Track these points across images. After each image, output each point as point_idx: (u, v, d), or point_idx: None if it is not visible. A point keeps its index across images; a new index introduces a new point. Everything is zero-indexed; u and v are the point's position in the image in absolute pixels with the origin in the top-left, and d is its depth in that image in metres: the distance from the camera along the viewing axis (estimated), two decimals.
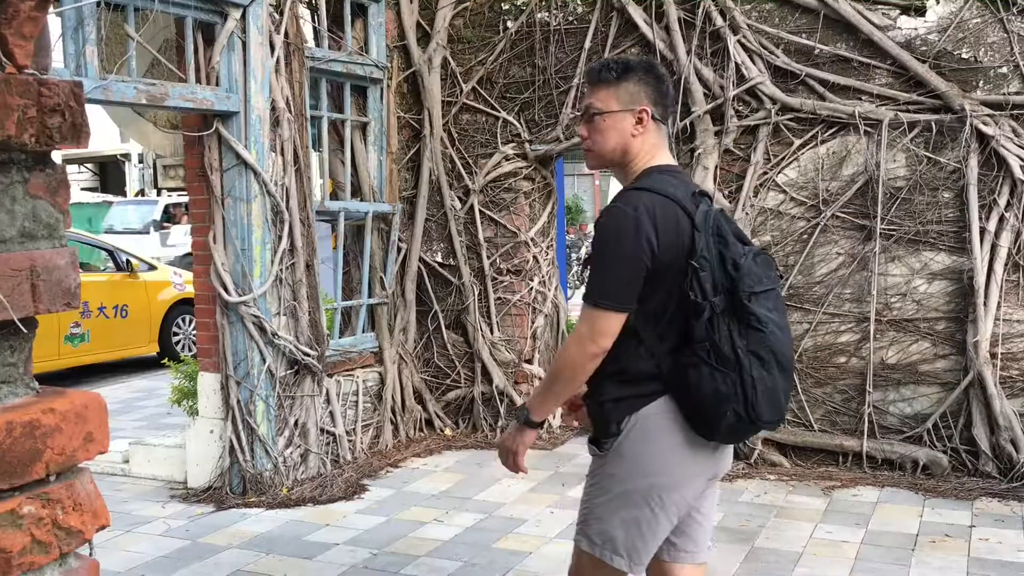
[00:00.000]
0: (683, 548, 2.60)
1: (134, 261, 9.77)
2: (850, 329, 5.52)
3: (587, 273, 2.40)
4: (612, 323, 2.31)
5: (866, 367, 5.44)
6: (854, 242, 5.49)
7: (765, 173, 5.62)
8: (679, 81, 5.70)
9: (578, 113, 6.09)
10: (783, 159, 5.58)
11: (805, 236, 5.59)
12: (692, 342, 2.29)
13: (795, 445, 5.59)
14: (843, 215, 5.49)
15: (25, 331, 1.11)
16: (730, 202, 5.67)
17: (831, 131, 5.48)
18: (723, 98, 5.60)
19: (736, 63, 5.55)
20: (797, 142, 5.52)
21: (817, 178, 5.54)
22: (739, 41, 5.56)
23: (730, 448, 2.59)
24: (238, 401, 5.26)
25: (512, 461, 2.57)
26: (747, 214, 5.60)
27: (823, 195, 5.52)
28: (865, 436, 5.42)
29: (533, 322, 6.48)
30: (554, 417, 6.55)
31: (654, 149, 2.46)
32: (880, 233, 5.37)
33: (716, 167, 5.69)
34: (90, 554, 1.24)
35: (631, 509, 2.42)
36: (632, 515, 2.42)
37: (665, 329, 2.35)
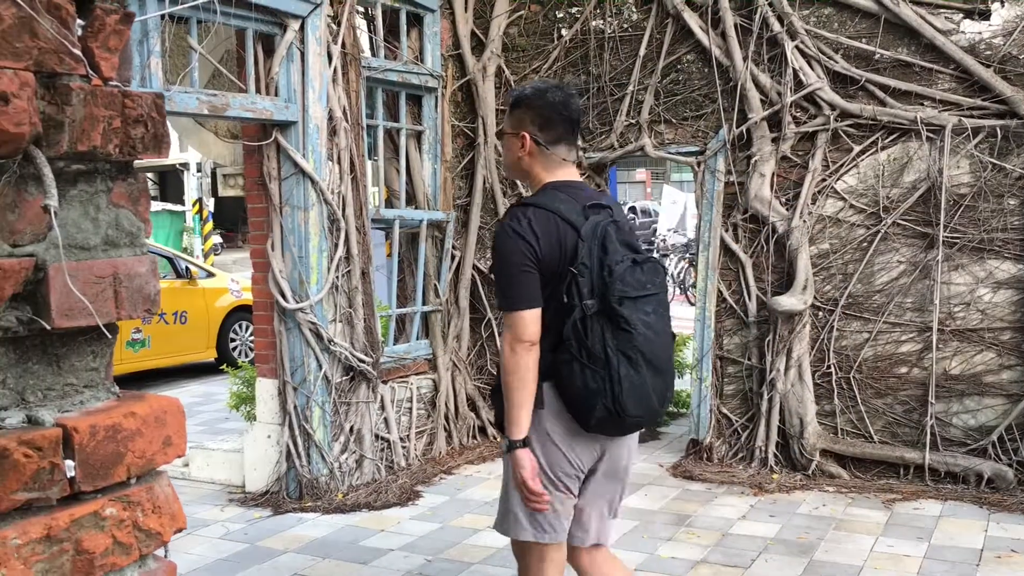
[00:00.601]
0: (576, 533, 2.85)
1: (193, 268, 9.95)
2: (911, 339, 5.42)
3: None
4: (528, 320, 2.58)
5: (928, 378, 5.33)
6: (916, 250, 5.38)
7: (824, 180, 5.55)
8: (735, 88, 5.65)
9: (632, 121, 6.08)
10: (842, 166, 5.50)
11: (865, 244, 5.50)
12: (564, 340, 2.56)
13: (854, 456, 5.49)
14: (904, 223, 5.39)
15: (109, 336, 1.14)
16: (787, 209, 5.61)
17: (892, 137, 5.39)
18: (780, 104, 5.54)
19: (794, 69, 5.49)
20: (857, 148, 5.44)
21: (877, 185, 5.45)
22: (797, 47, 5.50)
23: (626, 442, 2.79)
24: (295, 407, 5.32)
25: (528, 491, 2.66)
26: (805, 221, 5.53)
27: (883, 202, 5.42)
28: (927, 448, 5.30)
29: None
30: None
31: (551, 167, 2.73)
32: (943, 241, 5.26)
33: (773, 174, 5.63)
34: (165, 555, 1.26)
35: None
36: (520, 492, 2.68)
37: (546, 329, 2.59)
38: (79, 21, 1.06)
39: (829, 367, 5.57)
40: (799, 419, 5.54)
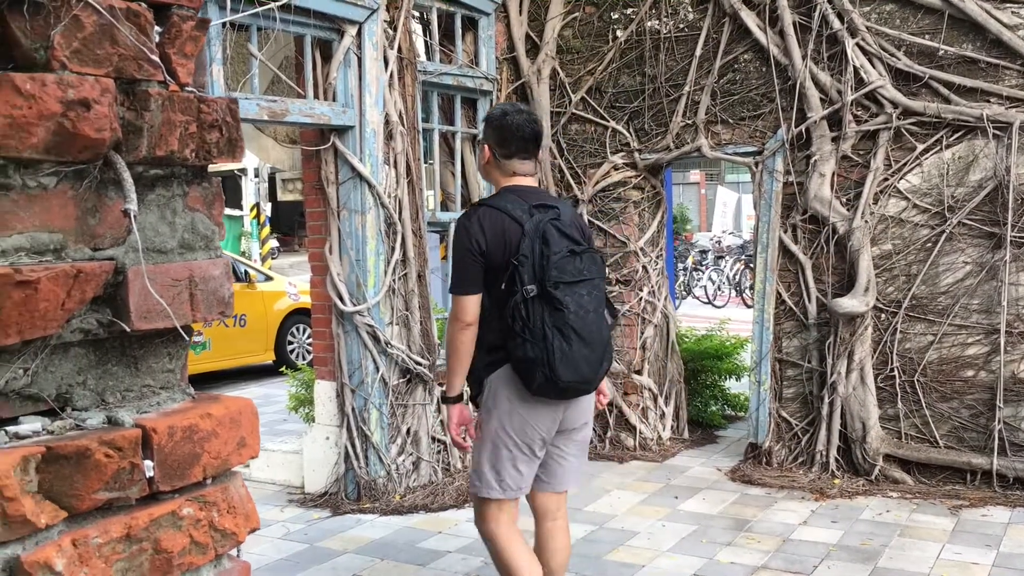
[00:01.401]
0: (542, 478, 3.34)
1: (252, 272, 10.10)
2: (978, 341, 5.28)
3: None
4: (468, 303, 3.11)
5: (996, 381, 5.20)
6: (982, 250, 5.25)
7: (886, 179, 5.44)
8: (794, 87, 5.57)
9: (688, 122, 6.03)
10: (905, 165, 5.39)
11: (929, 244, 5.38)
12: (511, 319, 3.02)
13: (919, 462, 5.37)
14: (970, 222, 5.27)
15: (186, 338, 1.16)
16: (848, 210, 5.51)
17: (957, 135, 5.26)
18: (841, 103, 5.44)
19: (854, 67, 5.40)
20: (920, 147, 5.33)
21: (942, 184, 5.33)
22: (858, 44, 5.40)
23: (580, 404, 3.26)
24: (353, 409, 5.37)
25: (452, 441, 3.34)
26: (867, 222, 5.43)
27: (948, 202, 5.30)
28: (995, 453, 5.17)
29: (642, 332, 6.42)
30: (664, 429, 6.47)
31: (509, 175, 3.22)
32: (1011, 241, 5.12)
33: (833, 174, 5.54)
34: (237, 555, 1.28)
35: (489, 449, 3.19)
36: (490, 453, 3.19)
37: (500, 309, 3.08)
38: (156, 28, 1.08)
39: (892, 370, 5.46)
40: (861, 423, 5.44)
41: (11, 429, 1.01)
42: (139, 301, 1.08)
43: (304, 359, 9.88)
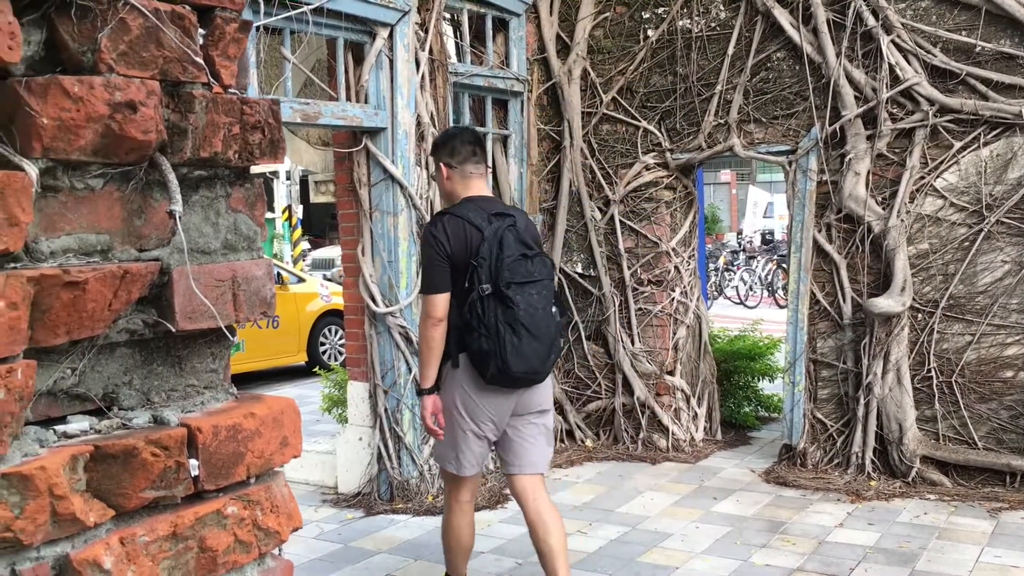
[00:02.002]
0: (508, 462, 3.70)
1: (284, 274, 10.17)
2: (1017, 341, 5.20)
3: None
4: (438, 301, 3.46)
5: None
6: (1021, 249, 5.17)
7: (922, 178, 5.37)
8: (828, 85, 5.52)
9: (720, 121, 5.99)
10: (942, 163, 5.32)
11: (967, 244, 5.31)
12: (469, 315, 3.38)
13: (957, 464, 5.30)
14: (1009, 221, 5.19)
15: (232, 339, 1.17)
16: (883, 208, 5.45)
17: (995, 132, 5.19)
18: (876, 101, 5.38)
19: (890, 64, 5.34)
20: (957, 145, 5.26)
21: (980, 182, 5.25)
22: (893, 41, 5.34)
23: (535, 392, 3.60)
24: (385, 410, 5.39)
25: (425, 426, 3.63)
26: (902, 221, 5.36)
27: (986, 200, 5.23)
28: None
29: (675, 333, 6.39)
30: (697, 430, 6.44)
31: (466, 184, 3.61)
32: None
33: (868, 172, 5.48)
34: (279, 554, 1.28)
35: (449, 430, 3.59)
36: (451, 434, 3.60)
37: (462, 307, 3.43)
38: (200, 30, 1.09)
39: (929, 371, 5.39)
40: (898, 424, 5.37)
41: (60, 428, 1.02)
42: (184, 301, 1.09)
43: (336, 360, 9.94)
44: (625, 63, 6.32)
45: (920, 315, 5.43)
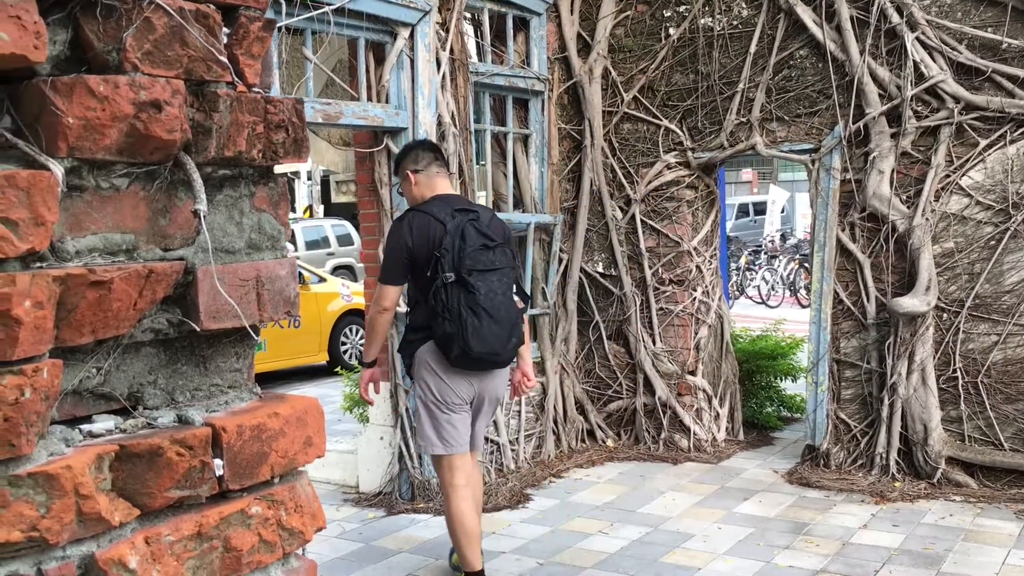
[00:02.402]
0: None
1: (306, 274, 10.20)
2: None
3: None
4: (390, 292, 3.84)
5: None
6: None
7: (947, 176, 5.32)
8: (851, 83, 5.47)
9: (742, 119, 5.95)
10: (967, 161, 5.26)
11: (993, 242, 5.24)
12: (434, 301, 3.67)
13: (983, 465, 5.24)
14: None
15: (256, 338, 1.16)
16: (908, 207, 5.39)
17: (1021, 130, 5.13)
18: (900, 98, 5.33)
19: (914, 61, 5.28)
20: (983, 142, 5.20)
21: (1006, 180, 5.19)
22: (917, 38, 5.29)
23: (494, 381, 3.95)
24: (406, 409, 5.39)
25: (360, 394, 4.21)
26: (927, 219, 5.31)
27: (1013, 198, 5.16)
28: None
29: (696, 333, 6.36)
30: (719, 430, 6.40)
31: (431, 185, 3.94)
32: None
33: (892, 171, 5.43)
34: (303, 553, 1.28)
35: (424, 413, 3.87)
36: (425, 416, 3.87)
37: (426, 295, 3.73)
38: (224, 29, 1.09)
39: (955, 371, 5.34)
40: (923, 425, 5.32)
41: (85, 428, 1.02)
42: (208, 301, 1.09)
43: (356, 360, 9.96)
44: (646, 62, 6.29)
45: (945, 315, 5.38)
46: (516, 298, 3.87)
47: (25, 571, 0.91)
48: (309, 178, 20.96)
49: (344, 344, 10.35)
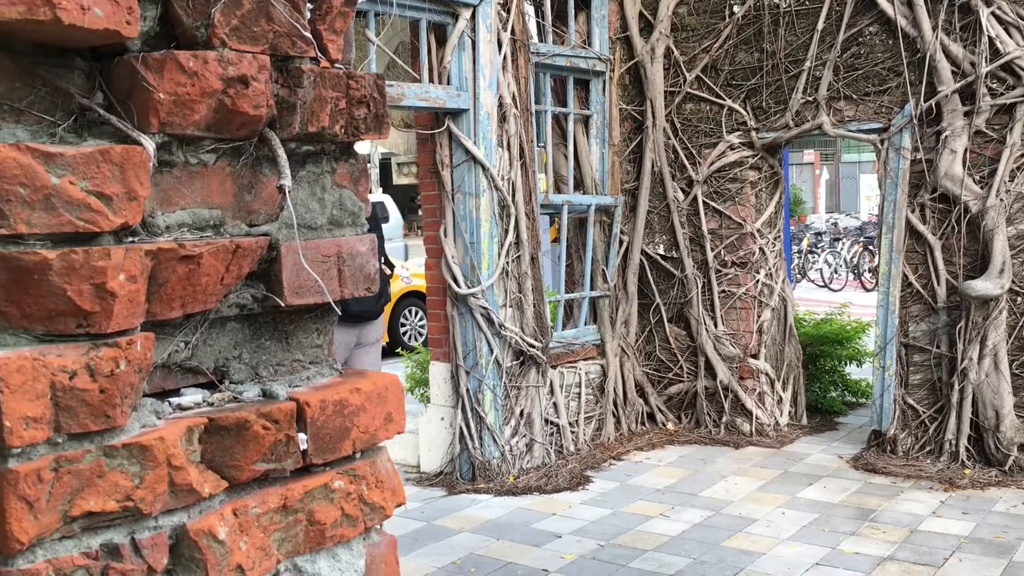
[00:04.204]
0: None
1: None
2: None
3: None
4: None
5: None
6: None
7: (1023, 155, 5.15)
8: (923, 59, 5.32)
9: (809, 98, 5.84)
10: None
11: None
12: None
13: None
14: None
15: (336, 314, 1.17)
16: (981, 187, 5.24)
17: None
18: (974, 75, 5.18)
19: (989, 37, 5.12)
20: None
21: None
22: (993, 13, 5.12)
23: (370, 328, 5.03)
24: (467, 390, 5.41)
25: None
26: (1002, 200, 5.15)
27: None
28: None
29: (759, 316, 6.28)
30: (781, 415, 6.32)
31: None
32: None
33: (965, 150, 5.28)
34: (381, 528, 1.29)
35: None
36: None
37: None
38: (308, 4, 1.09)
39: None
40: (994, 411, 5.19)
41: (175, 401, 1.03)
42: (292, 276, 1.09)
43: (416, 341, 10.03)
44: (710, 40, 6.19)
45: (1019, 298, 5.22)
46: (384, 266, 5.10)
47: (119, 540, 0.93)
48: (369, 161, 21.15)
49: (404, 325, 10.42)
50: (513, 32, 5.48)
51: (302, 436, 1.07)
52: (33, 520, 0.85)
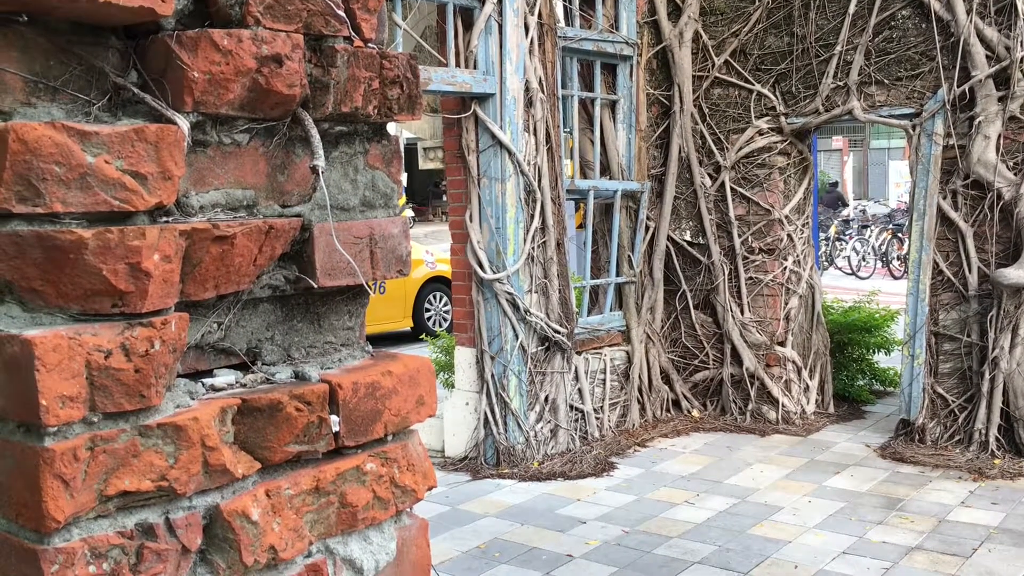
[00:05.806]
0: None
1: None
2: None
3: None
4: None
5: None
6: None
7: None
8: (956, 44, 5.24)
9: (839, 83, 5.76)
10: None
11: None
12: None
13: None
14: None
15: (368, 295, 1.16)
16: (1015, 174, 5.16)
17: None
18: (1009, 60, 5.09)
19: None
20: None
21: None
22: None
23: None
24: (492, 375, 5.42)
25: None
26: None
27: None
28: None
29: (786, 303, 6.23)
30: (808, 403, 6.28)
31: None
32: None
33: (999, 136, 5.19)
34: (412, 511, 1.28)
35: None
36: None
37: None
38: None
39: None
40: None
41: (208, 381, 1.03)
42: (324, 258, 1.09)
43: (440, 326, 10.05)
44: (739, 24, 6.13)
45: None
46: None
47: (154, 519, 0.93)
48: None
49: (428, 311, 10.45)
50: (540, 16, 5.45)
51: (334, 418, 1.07)
52: (69, 499, 0.85)
